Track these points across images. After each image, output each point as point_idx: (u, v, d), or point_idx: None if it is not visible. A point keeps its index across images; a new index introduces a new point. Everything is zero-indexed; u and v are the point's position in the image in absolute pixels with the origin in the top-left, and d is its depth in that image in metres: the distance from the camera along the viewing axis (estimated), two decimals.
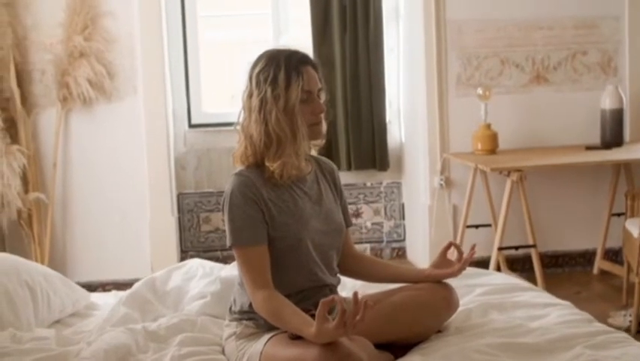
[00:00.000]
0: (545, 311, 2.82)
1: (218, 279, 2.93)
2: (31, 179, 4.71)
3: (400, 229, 5.48)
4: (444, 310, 2.69)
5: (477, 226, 4.92)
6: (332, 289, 2.65)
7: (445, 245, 2.80)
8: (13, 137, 4.65)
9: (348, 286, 3.12)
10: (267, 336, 2.47)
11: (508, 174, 4.47)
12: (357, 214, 5.42)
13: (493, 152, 4.81)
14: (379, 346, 2.56)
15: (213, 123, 5.21)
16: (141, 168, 4.90)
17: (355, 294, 2.21)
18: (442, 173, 5.03)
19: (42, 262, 4.70)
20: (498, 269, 4.94)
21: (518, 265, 5.08)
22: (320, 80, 2.64)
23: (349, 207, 5.31)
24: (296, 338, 2.36)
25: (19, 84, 4.68)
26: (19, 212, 4.63)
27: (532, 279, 4.55)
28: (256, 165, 2.56)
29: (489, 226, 4.93)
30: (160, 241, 4.94)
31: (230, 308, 2.64)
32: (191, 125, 5.27)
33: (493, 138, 4.81)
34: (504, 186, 4.52)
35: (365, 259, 2.85)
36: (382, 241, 5.47)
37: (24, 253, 4.71)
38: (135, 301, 2.90)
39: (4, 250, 4.74)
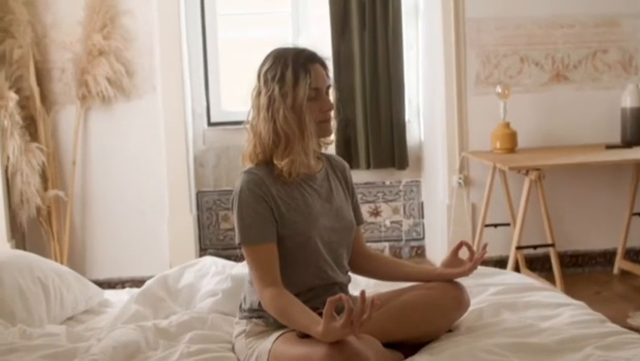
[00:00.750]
0: (557, 311, 2.80)
1: (229, 277, 2.93)
2: (50, 176, 4.75)
3: (419, 228, 5.47)
4: (454, 310, 2.68)
5: (496, 225, 4.90)
6: (342, 287, 2.64)
7: (456, 244, 2.78)
8: (33, 135, 4.68)
9: (361, 285, 3.12)
10: (276, 334, 2.47)
11: (527, 173, 4.44)
12: (376, 213, 5.42)
13: (512, 151, 4.78)
14: (389, 345, 2.56)
15: (232, 121, 5.22)
16: (160, 166, 4.92)
17: (362, 293, 2.20)
18: (460, 172, 5.01)
19: (61, 259, 4.75)
20: (517, 268, 4.93)
21: (538, 264, 5.05)
22: (329, 78, 2.63)
23: (368, 205, 5.37)
24: (304, 336, 2.36)
25: (39, 82, 4.72)
26: (38, 209, 4.67)
27: (551, 278, 4.53)
28: (265, 162, 2.56)
29: (508, 225, 4.90)
30: (179, 238, 4.95)
31: (241, 306, 2.65)
32: (210, 124, 5.29)
33: (512, 136, 4.78)
34: (523, 185, 4.49)
35: (377, 258, 2.84)
36: (401, 240, 5.45)
37: (43, 250, 4.76)
38: (147, 299, 2.91)
39: (24, 247, 4.80)
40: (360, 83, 5.18)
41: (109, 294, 3.26)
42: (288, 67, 2.52)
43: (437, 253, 5.22)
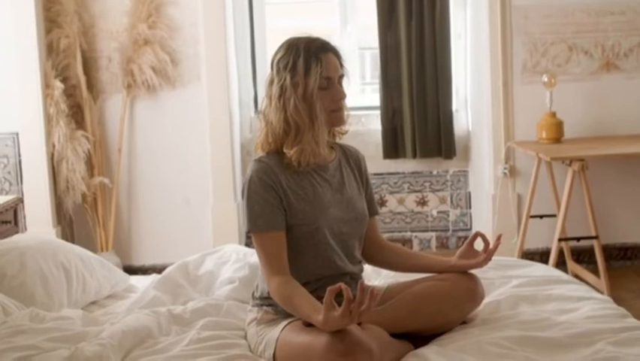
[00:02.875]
0: (578, 305, 2.74)
1: (247, 265, 2.96)
2: (96, 164, 4.84)
3: (467, 218, 5.41)
4: (467, 302, 2.65)
5: (541, 216, 4.82)
6: (353, 277, 2.64)
7: (471, 235, 2.75)
8: (79, 123, 4.78)
9: (382, 274, 3.12)
10: (284, 323, 2.49)
11: (570, 164, 4.36)
12: (423, 202, 5.38)
13: (557, 141, 4.69)
14: (401, 336, 2.56)
15: None
16: (204, 154, 4.97)
17: (361, 283, 2.20)
18: (506, 162, 4.95)
19: (106, 245, 4.84)
20: (562, 261, 4.85)
21: (585, 256, 4.96)
22: (342, 67, 2.62)
23: (415, 195, 5.35)
24: (310, 325, 2.37)
25: (86, 71, 4.81)
26: (83, 196, 4.77)
27: (597, 271, 4.45)
28: (276, 151, 2.58)
29: (554, 216, 4.81)
30: (222, 225, 5.00)
31: (253, 294, 2.67)
32: (257, 112, 5.32)
33: (558, 126, 4.69)
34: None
35: (392, 249, 2.82)
36: (448, 230, 5.41)
37: (89, 236, 4.88)
38: (166, 285, 2.95)
39: (71, 233, 4.91)
40: (406, 73, 5.14)
41: (135, 280, 3.31)
42: (300, 56, 2.53)
43: (481, 244, 5.15)
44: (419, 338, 2.58)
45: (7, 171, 4.66)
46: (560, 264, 4.86)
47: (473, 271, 2.73)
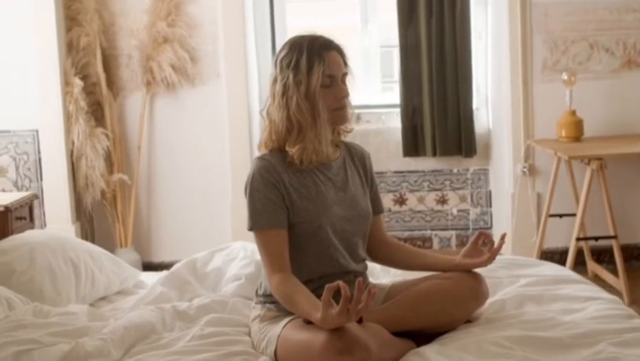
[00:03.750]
0: (584, 305, 2.72)
1: (253, 261, 2.97)
2: (115, 161, 4.88)
3: (487, 217, 5.38)
4: (471, 301, 2.64)
5: (561, 215, 4.77)
6: (357, 275, 2.63)
7: (475, 235, 2.74)
8: (99, 120, 4.82)
9: (391, 273, 3.12)
10: (286, 320, 2.50)
11: (589, 163, 4.32)
12: (443, 201, 5.36)
13: (577, 139, 4.65)
14: (404, 334, 2.55)
15: None
16: (223, 151, 5.00)
17: (359, 282, 2.20)
18: (525, 160, 4.91)
19: (125, 242, 4.88)
20: (582, 261, 4.82)
21: (606, 256, 4.91)
22: (346, 66, 2.63)
23: (435, 193, 5.33)
24: (310, 322, 2.38)
25: (107, 69, 4.85)
26: (102, 193, 4.81)
27: (617, 271, 4.41)
28: (279, 149, 2.59)
29: (573, 215, 4.76)
30: (241, 222, 4.99)
31: (257, 291, 2.68)
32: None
33: (578, 124, 4.65)
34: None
35: (397, 247, 2.82)
36: (468, 229, 5.37)
37: (109, 233, 4.92)
38: (173, 281, 2.97)
39: (92, 229, 4.96)
40: (426, 71, 5.12)
41: (145, 276, 3.33)
42: (303, 54, 2.55)
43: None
44: (422, 337, 2.57)
45: (27, 167, 4.71)
46: (580, 264, 4.84)
47: (480, 270, 2.72)
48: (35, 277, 2.87)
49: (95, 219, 5.01)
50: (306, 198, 2.55)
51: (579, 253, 4.78)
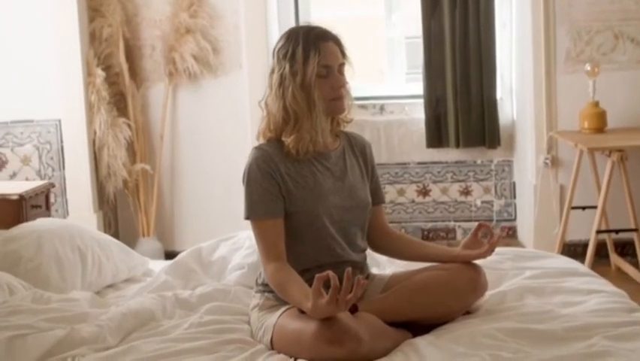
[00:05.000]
0: (585, 298, 2.69)
1: (255, 251, 2.98)
2: (138, 150, 4.93)
3: (511, 208, 5.34)
4: (469, 292, 2.62)
5: (583, 208, 4.72)
6: (355, 265, 2.64)
7: (475, 226, 2.73)
8: (122, 110, 4.87)
9: (396, 264, 3.11)
10: (283, 309, 2.52)
11: (609, 154, 4.27)
12: (467, 192, 5.33)
13: (600, 131, 4.59)
14: (402, 325, 2.55)
15: None
16: (245, 141, 4.99)
17: (347, 272, 2.21)
18: (548, 152, 4.86)
19: (147, 231, 4.94)
20: (605, 253, 4.77)
21: (630, 249, 4.83)
22: (344, 56, 2.63)
23: (458, 184, 5.30)
24: (304, 312, 2.39)
25: (130, 59, 4.90)
26: (125, 182, 4.86)
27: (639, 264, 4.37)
28: (277, 139, 2.61)
29: (596, 207, 4.72)
30: None
31: (257, 280, 2.70)
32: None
33: (601, 116, 4.59)
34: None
35: (398, 237, 2.82)
36: (492, 220, 5.34)
37: (131, 222, 4.98)
38: (178, 270, 3.01)
39: (115, 218, 5.03)
40: (450, 62, 5.09)
41: (154, 264, 3.37)
42: (299, 44, 2.56)
43: (526, 234, 5.11)
44: (420, 328, 2.57)
45: (49, 157, 4.77)
46: (604, 257, 4.79)
47: (485, 262, 2.71)
48: (42, 264, 2.92)
49: (118, 209, 5.07)
50: (303, 188, 2.56)
51: (603, 246, 4.74)
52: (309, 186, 2.57)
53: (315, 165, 2.61)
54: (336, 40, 2.62)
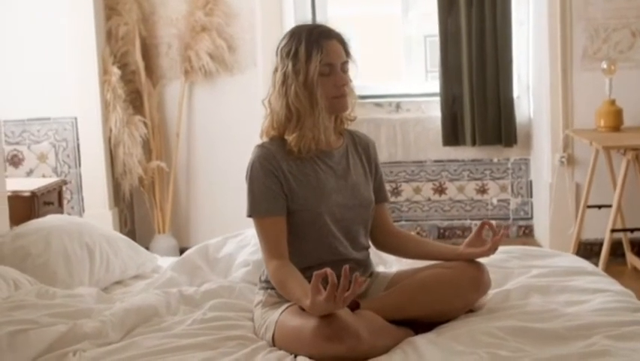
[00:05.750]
0: (590, 297, 2.67)
1: (259, 248, 2.99)
2: (154, 148, 4.96)
3: (528, 207, 5.32)
4: (472, 291, 2.61)
5: (599, 207, 4.69)
6: (358, 263, 2.65)
7: (479, 224, 2.72)
8: (138, 108, 4.90)
9: (402, 262, 3.11)
10: (285, 306, 2.52)
11: (624, 153, 4.24)
12: (483, 190, 5.31)
13: (616, 129, 4.56)
14: (404, 323, 2.55)
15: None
16: (260, 140, 5.02)
17: (345, 269, 2.22)
18: (564, 150, 4.84)
19: (163, 228, 4.97)
20: (620, 252, 4.74)
21: None
22: (348, 54, 2.63)
23: (475, 183, 5.29)
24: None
25: (147, 57, 4.94)
26: (140, 179, 4.89)
27: None
28: (279, 137, 2.62)
29: (612, 206, 4.69)
30: None
31: (260, 277, 2.71)
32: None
33: (617, 114, 4.56)
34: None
35: (401, 236, 2.82)
36: (509, 219, 5.33)
37: (147, 219, 5.01)
38: (184, 267, 3.03)
39: (132, 214, 5.06)
40: (466, 60, 5.08)
41: (163, 261, 3.39)
42: (302, 43, 2.57)
43: (542, 233, 5.08)
44: (423, 326, 2.56)
45: (66, 154, 4.82)
46: (620, 256, 4.76)
47: (491, 260, 2.71)
48: (50, 260, 2.95)
49: (135, 206, 5.11)
50: (305, 186, 2.57)
51: (619, 245, 4.71)
52: (312, 184, 2.58)
53: (318, 164, 2.61)
54: (340, 39, 2.63)
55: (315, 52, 2.54)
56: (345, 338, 2.27)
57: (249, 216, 2.59)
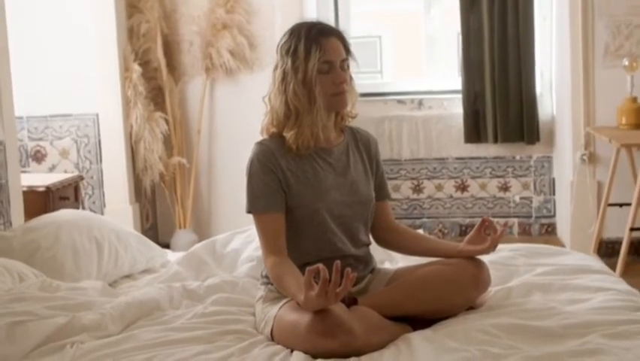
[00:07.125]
0: (592, 296, 2.66)
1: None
2: (175, 144, 5.01)
3: (550, 205, 5.29)
4: (471, 288, 2.61)
5: (621, 205, 4.64)
6: (358, 260, 2.66)
7: (479, 221, 2.71)
8: (160, 104, 4.96)
9: (407, 258, 3.12)
10: (284, 301, 2.54)
11: None
12: (505, 188, 5.29)
13: (638, 127, 4.51)
14: (403, 319, 2.56)
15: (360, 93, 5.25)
16: None
17: (336, 265, 2.23)
18: (586, 148, 4.80)
19: (184, 223, 5.01)
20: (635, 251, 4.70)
21: None
22: (347, 52, 2.65)
23: (497, 180, 5.27)
24: None
25: (169, 54, 4.99)
26: (161, 175, 4.94)
27: None
28: (279, 134, 2.64)
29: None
30: None
31: (261, 273, 2.73)
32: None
33: (638, 112, 4.51)
34: None
35: (403, 232, 2.82)
36: (531, 217, 5.30)
37: (168, 214, 5.06)
38: (190, 262, 3.05)
39: (154, 210, 5.12)
40: (489, 56, 5.07)
41: (173, 255, 3.42)
42: (301, 41, 2.59)
43: (564, 231, 5.05)
44: (422, 323, 2.57)
45: (87, 150, 4.88)
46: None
47: (494, 258, 2.70)
48: (58, 254, 2.99)
49: (157, 201, 5.16)
50: (304, 183, 2.59)
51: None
52: (310, 181, 2.59)
53: (317, 161, 2.63)
54: (340, 36, 2.65)
55: (313, 49, 2.56)
56: (339, 333, 2.28)
57: (248, 212, 2.62)
